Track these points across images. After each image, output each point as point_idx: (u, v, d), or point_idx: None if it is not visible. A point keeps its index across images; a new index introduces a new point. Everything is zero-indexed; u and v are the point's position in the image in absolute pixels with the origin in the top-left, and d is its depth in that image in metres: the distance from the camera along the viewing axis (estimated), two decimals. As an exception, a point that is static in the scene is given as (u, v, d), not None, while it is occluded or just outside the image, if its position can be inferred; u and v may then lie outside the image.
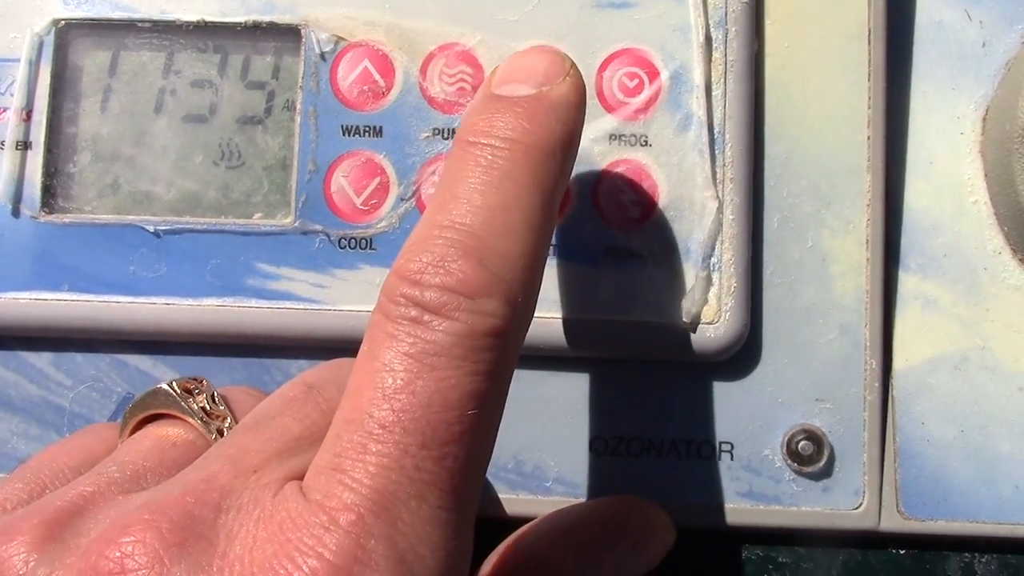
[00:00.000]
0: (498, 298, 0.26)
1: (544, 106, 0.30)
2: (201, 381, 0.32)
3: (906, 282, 0.38)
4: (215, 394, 0.32)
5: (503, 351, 0.26)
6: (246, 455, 0.26)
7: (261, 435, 0.27)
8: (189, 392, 0.32)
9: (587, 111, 0.36)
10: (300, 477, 0.26)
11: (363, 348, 0.27)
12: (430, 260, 0.27)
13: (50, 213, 0.37)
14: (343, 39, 0.37)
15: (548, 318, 0.36)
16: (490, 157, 0.28)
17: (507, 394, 0.28)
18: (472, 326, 0.26)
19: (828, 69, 0.38)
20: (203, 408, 0.32)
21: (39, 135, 0.37)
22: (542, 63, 0.31)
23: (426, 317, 0.26)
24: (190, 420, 0.30)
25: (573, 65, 0.31)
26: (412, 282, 0.26)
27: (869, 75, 0.38)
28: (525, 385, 0.37)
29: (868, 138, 0.37)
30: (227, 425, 0.31)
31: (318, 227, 0.37)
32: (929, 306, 0.38)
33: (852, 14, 0.38)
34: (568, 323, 0.36)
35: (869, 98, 0.38)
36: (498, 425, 0.27)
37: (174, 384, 0.32)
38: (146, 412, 0.31)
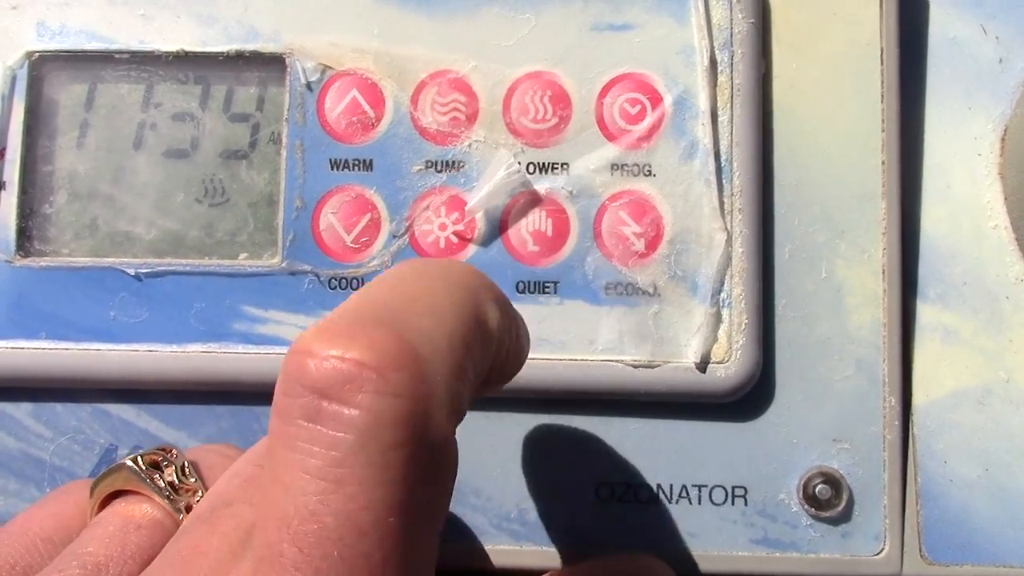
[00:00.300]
0: (413, 373, 0.22)
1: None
2: (170, 451, 0.31)
3: (924, 313, 0.36)
4: (185, 465, 0.31)
5: (425, 447, 0.22)
6: (199, 558, 0.24)
7: (216, 530, 0.25)
8: (156, 466, 0.30)
9: (588, 140, 0.35)
10: None
11: (266, 460, 0.23)
12: (330, 329, 0.22)
13: (26, 256, 0.35)
14: (330, 68, 0.36)
15: (549, 359, 0.34)
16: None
17: (450, 492, 0.24)
18: (379, 415, 0.21)
19: (839, 90, 0.36)
20: (171, 483, 0.30)
21: (13, 174, 0.36)
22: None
23: (325, 407, 0.21)
24: (156, 498, 0.29)
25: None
26: (307, 352, 0.22)
27: (882, 96, 0.36)
28: (527, 428, 0.35)
29: (882, 163, 0.36)
30: (196, 499, 0.29)
31: (307, 267, 0.35)
32: (949, 337, 0.36)
33: (863, 32, 0.36)
34: (570, 364, 0.34)
35: (882, 120, 0.36)
36: (439, 527, 0.23)
37: (139, 459, 0.30)
38: (112, 488, 0.30)
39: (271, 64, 0.36)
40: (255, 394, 0.35)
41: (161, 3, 0.36)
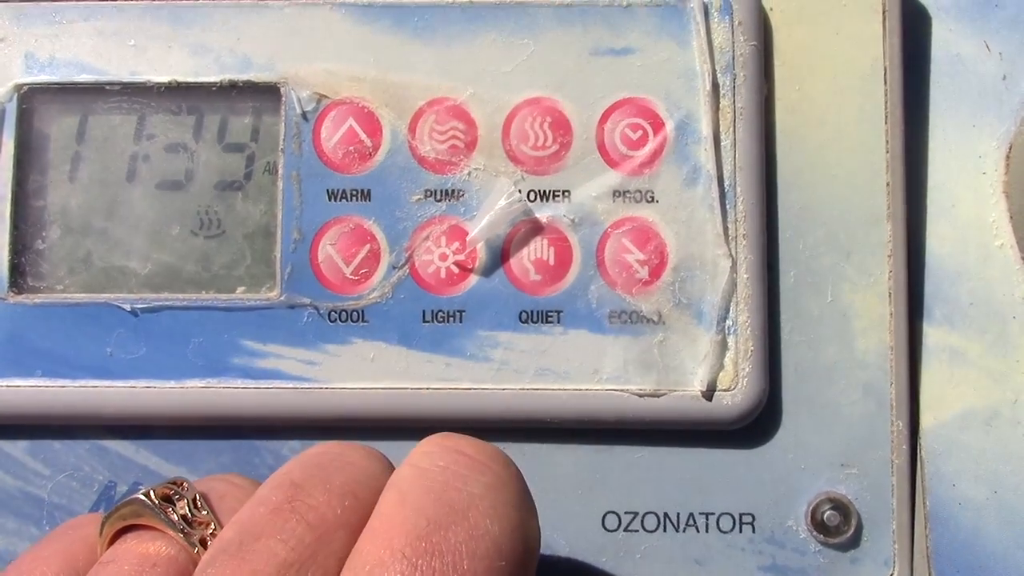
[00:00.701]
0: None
1: None
2: (181, 484, 0.30)
3: (931, 334, 0.36)
4: (197, 497, 0.30)
5: None
6: None
7: (246, 565, 0.25)
8: (168, 499, 0.30)
9: (589, 167, 0.34)
10: None
11: None
12: None
13: (19, 293, 0.35)
14: (326, 97, 0.35)
15: (553, 389, 0.34)
16: None
17: None
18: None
19: (842, 111, 0.36)
20: (184, 516, 0.29)
21: (4, 209, 0.35)
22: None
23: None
24: (170, 532, 0.28)
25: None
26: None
27: (886, 116, 0.35)
28: (531, 459, 0.35)
29: (887, 184, 0.35)
30: (211, 532, 0.29)
31: (306, 300, 0.34)
32: (956, 359, 0.36)
33: (866, 51, 0.36)
34: (574, 394, 0.34)
35: (887, 141, 0.35)
36: None
37: (152, 493, 0.30)
38: (124, 523, 0.29)
39: (265, 94, 0.35)
40: (255, 428, 0.35)
41: (152, 33, 0.35)
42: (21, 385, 0.34)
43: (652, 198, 0.34)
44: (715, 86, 0.34)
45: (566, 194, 0.35)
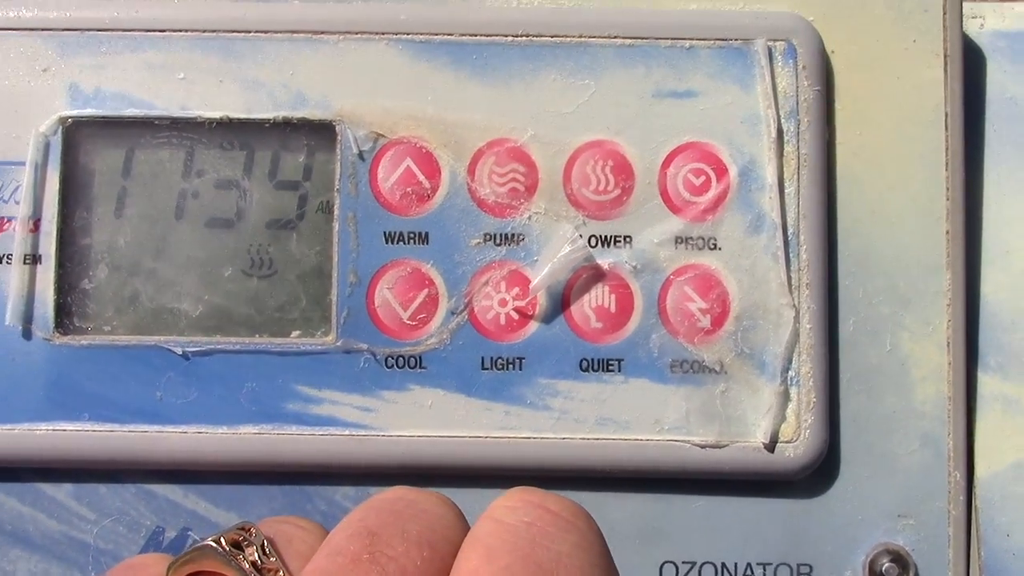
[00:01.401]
0: None
1: None
2: (249, 530, 0.30)
3: (986, 383, 0.36)
4: (264, 543, 0.29)
5: None
6: None
7: None
8: (237, 545, 0.29)
9: (652, 212, 0.34)
10: None
11: None
12: None
13: (65, 334, 0.34)
14: (383, 136, 0.34)
15: (614, 439, 0.33)
16: None
17: None
18: None
19: (902, 158, 0.35)
20: (254, 563, 0.29)
21: (49, 247, 0.34)
22: None
23: None
24: None
25: None
26: None
27: (947, 163, 0.35)
28: (589, 508, 0.34)
29: (947, 232, 0.35)
30: None
31: (362, 345, 0.34)
32: (1011, 407, 0.36)
33: (927, 97, 0.35)
34: (635, 444, 0.33)
35: (947, 188, 0.35)
36: None
37: (222, 540, 0.29)
38: (192, 569, 0.28)
39: (320, 131, 0.34)
40: (308, 474, 0.34)
41: (202, 66, 0.34)
42: (67, 429, 0.33)
43: (715, 245, 0.34)
44: (780, 133, 0.34)
45: (628, 240, 0.34)
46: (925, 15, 0.35)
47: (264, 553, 0.29)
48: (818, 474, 0.34)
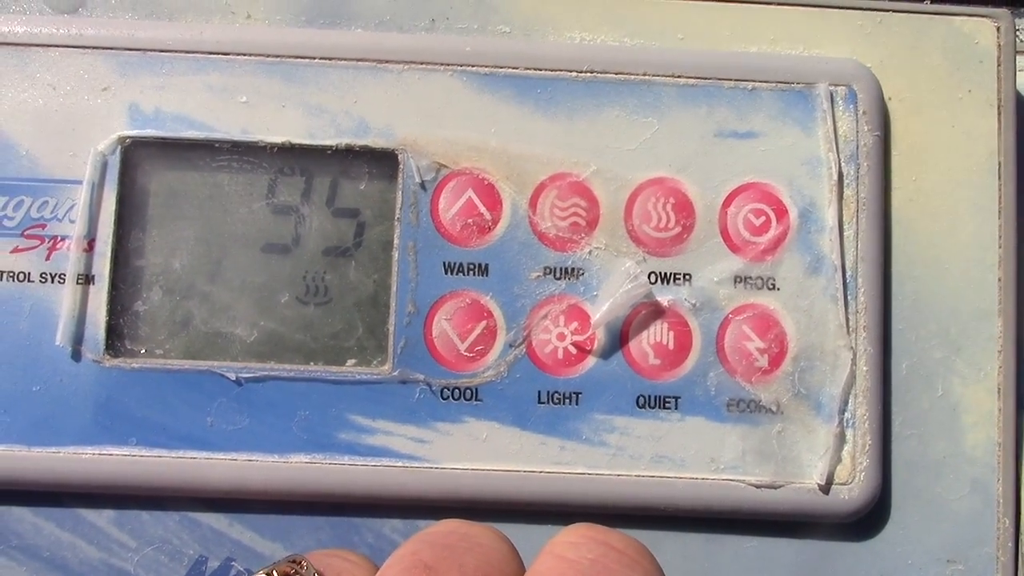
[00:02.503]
0: None
1: None
2: (300, 563, 0.29)
3: (1033, 429, 0.36)
4: None
5: None
6: None
7: None
8: None
9: (712, 250, 0.34)
10: None
11: None
12: None
13: (115, 357, 0.33)
14: (445, 166, 0.34)
15: (669, 477, 0.33)
16: None
17: None
18: None
19: (956, 204, 0.36)
20: None
21: (103, 268, 0.33)
22: None
23: None
24: None
25: None
26: None
27: (999, 212, 0.36)
28: (641, 546, 0.34)
29: (999, 279, 0.35)
30: None
31: (419, 376, 0.33)
32: (1057, 455, 0.36)
33: (981, 145, 0.36)
34: (690, 483, 0.33)
35: (1000, 236, 0.35)
36: None
37: (274, 573, 0.28)
38: None
39: (382, 160, 0.34)
40: (357, 505, 0.34)
41: (264, 91, 0.34)
42: (114, 453, 0.33)
43: (773, 285, 0.34)
44: (840, 176, 0.34)
45: (687, 277, 0.34)
46: (980, 66, 0.36)
47: (315, 587, 0.29)
48: (869, 517, 0.34)
